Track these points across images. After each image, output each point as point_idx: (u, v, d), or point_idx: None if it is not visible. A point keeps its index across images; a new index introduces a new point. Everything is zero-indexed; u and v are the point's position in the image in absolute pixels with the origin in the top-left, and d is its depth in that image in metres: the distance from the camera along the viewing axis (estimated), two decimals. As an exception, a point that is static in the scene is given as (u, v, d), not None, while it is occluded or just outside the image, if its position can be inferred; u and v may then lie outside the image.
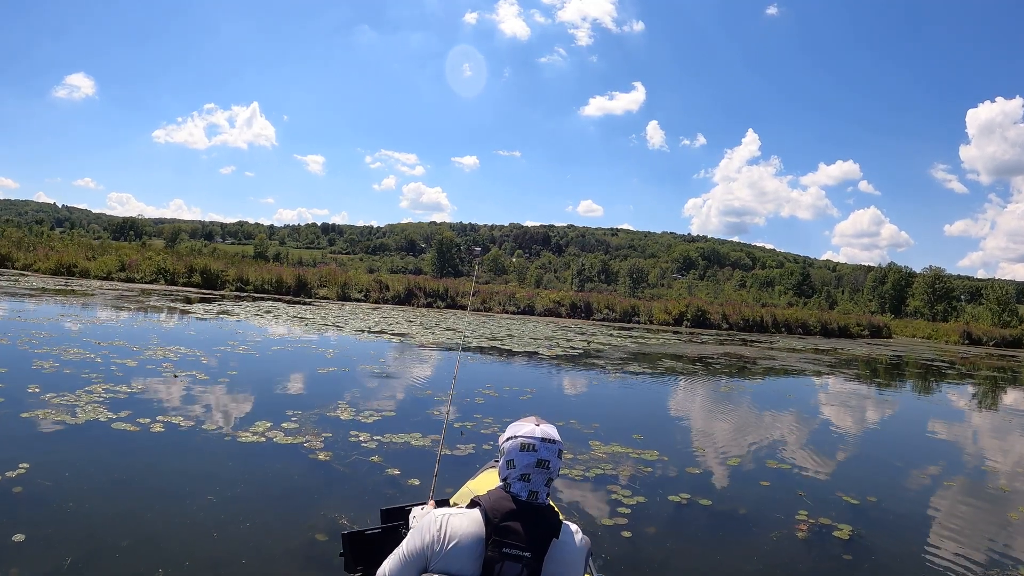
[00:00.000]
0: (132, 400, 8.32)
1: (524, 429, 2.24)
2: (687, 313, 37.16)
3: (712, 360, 20.03)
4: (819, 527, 5.89)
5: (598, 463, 7.18)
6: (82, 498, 5.19)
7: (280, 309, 24.53)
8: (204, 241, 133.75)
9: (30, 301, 19.67)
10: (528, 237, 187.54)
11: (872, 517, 6.41)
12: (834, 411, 13.01)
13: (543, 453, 2.19)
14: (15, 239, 38.49)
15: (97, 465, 6.02)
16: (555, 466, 2.22)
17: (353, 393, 9.95)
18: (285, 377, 11.03)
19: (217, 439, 6.95)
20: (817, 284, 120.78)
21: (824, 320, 41.95)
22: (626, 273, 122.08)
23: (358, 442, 7.17)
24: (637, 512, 5.80)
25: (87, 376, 9.41)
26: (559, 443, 2.25)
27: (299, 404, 8.81)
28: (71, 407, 7.68)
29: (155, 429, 7.11)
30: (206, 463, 6.25)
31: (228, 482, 5.75)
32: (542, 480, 2.20)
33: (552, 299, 37.39)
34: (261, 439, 7.02)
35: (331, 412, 8.48)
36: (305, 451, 6.73)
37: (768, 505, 6.45)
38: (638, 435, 8.68)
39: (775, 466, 7.92)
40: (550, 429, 2.26)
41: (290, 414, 8.16)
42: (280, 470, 6.20)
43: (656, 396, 13.37)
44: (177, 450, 6.56)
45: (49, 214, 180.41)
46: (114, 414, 7.54)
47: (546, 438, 2.21)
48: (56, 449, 6.38)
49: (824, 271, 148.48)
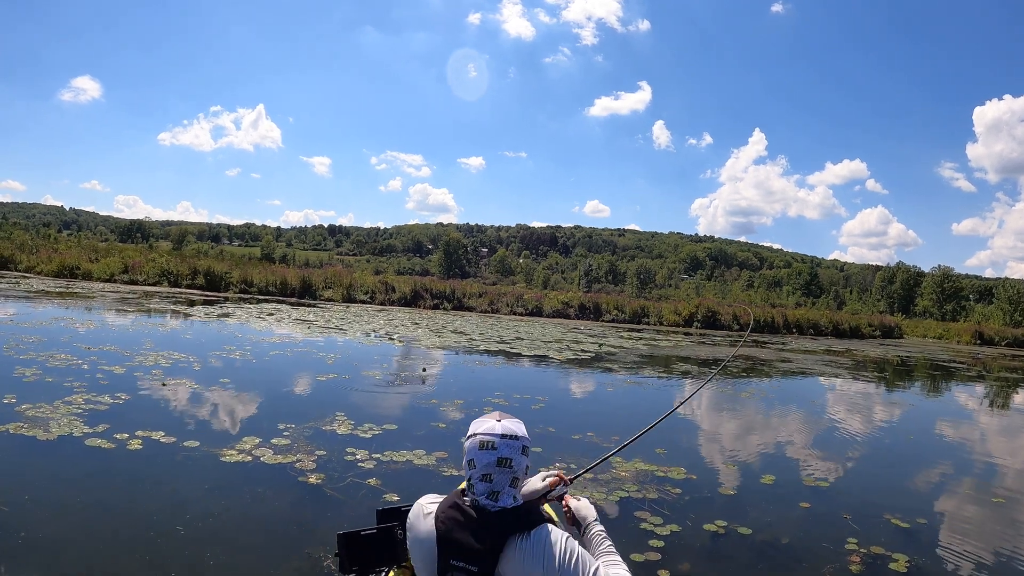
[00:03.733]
0: (113, 412, 7.69)
1: (484, 426, 2.08)
2: (697, 314, 36.42)
3: (728, 363, 19.28)
4: (872, 558, 5.20)
5: (621, 484, 6.49)
6: (38, 525, 4.64)
7: (283, 311, 23.91)
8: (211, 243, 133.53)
9: (26, 304, 19.11)
10: (535, 238, 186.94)
11: (926, 543, 5.74)
12: (863, 418, 12.29)
13: (504, 451, 2.03)
14: (18, 242, 37.99)
15: (62, 488, 5.42)
16: (519, 464, 2.05)
17: (353, 403, 9.28)
18: (281, 386, 10.37)
19: (198, 458, 6.29)
20: (825, 284, 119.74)
21: (835, 321, 41.09)
22: (634, 274, 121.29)
23: (354, 461, 6.49)
24: (671, 544, 5.10)
25: (69, 385, 8.80)
26: (523, 439, 2.08)
27: (293, 416, 8.14)
28: (45, 420, 7.08)
29: (132, 446, 6.48)
30: (181, 487, 5.59)
31: (201, 511, 5.10)
32: (505, 480, 2.03)
33: (560, 300, 36.70)
34: (247, 458, 6.35)
35: (327, 426, 7.81)
36: (294, 473, 6.06)
37: (813, 532, 5.74)
38: (661, 449, 7.97)
39: (813, 483, 7.23)
40: (513, 424, 2.09)
41: (282, 428, 7.50)
42: (263, 497, 5.53)
43: (673, 403, 12.67)
44: (151, 471, 5.91)
45: (57, 217, 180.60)
46: (90, 428, 6.93)
47: (507, 434, 2.05)
48: (19, 469, 5.80)
49: (832, 271, 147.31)
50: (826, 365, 21.51)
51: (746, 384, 15.72)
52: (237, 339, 15.14)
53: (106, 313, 18.80)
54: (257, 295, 31.47)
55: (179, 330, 16.33)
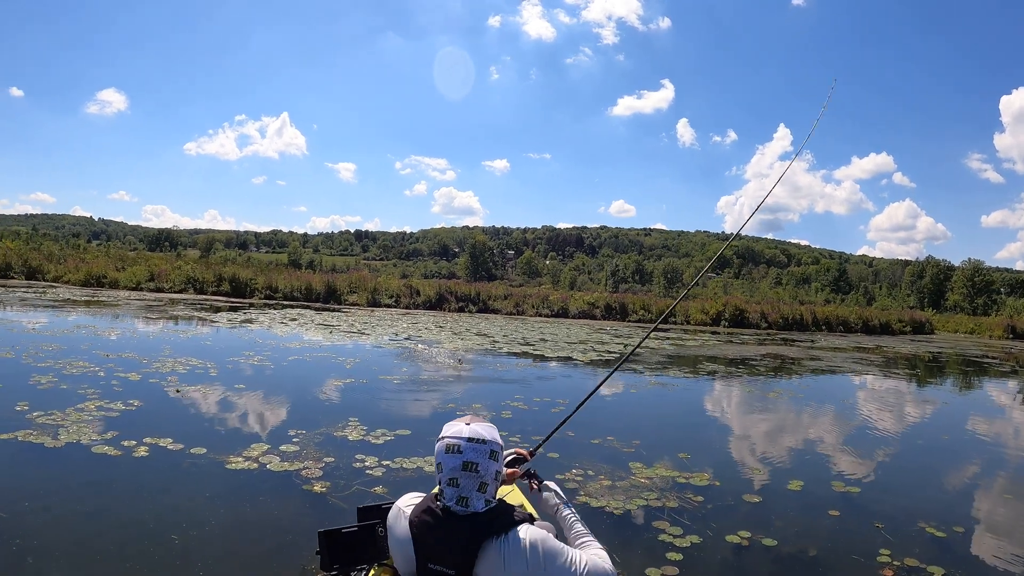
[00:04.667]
0: (123, 419, 7.59)
1: (452, 429, 2.07)
2: (725, 312, 35.85)
3: (755, 362, 18.86)
4: (906, 571, 4.87)
5: (640, 491, 6.19)
6: (33, 533, 4.54)
7: (306, 317, 23.89)
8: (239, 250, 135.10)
9: (51, 313, 19.26)
10: (561, 239, 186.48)
11: (964, 554, 5.38)
12: (895, 417, 11.86)
13: (469, 455, 2.00)
14: (46, 252, 38.52)
15: (62, 495, 5.29)
16: (486, 469, 2.02)
17: (367, 408, 9.07)
18: (295, 391, 10.22)
19: (203, 466, 6.14)
20: (854, 280, 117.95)
21: (865, 317, 40.18)
22: (660, 273, 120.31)
23: (363, 468, 6.29)
24: (690, 558, 4.80)
25: (83, 392, 8.74)
26: (491, 443, 2.04)
27: (305, 422, 7.97)
28: (55, 427, 6.99)
29: (138, 453, 6.35)
30: (181, 495, 5.44)
31: (198, 520, 4.93)
32: (472, 485, 2.01)
33: (586, 301, 36.35)
34: (252, 465, 6.18)
35: (339, 431, 7.63)
36: (299, 480, 5.87)
37: (842, 543, 5.40)
38: (684, 453, 7.67)
39: (842, 489, 6.86)
40: (481, 428, 2.06)
41: (292, 434, 7.34)
42: (263, 505, 5.34)
43: (700, 405, 12.33)
44: (154, 479, 5.77)
45: (86, 227, 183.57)
46: (99, 435, 6.82)
47: (474, 438, 2.02)
48: (22, 476, 5.71)
49: (861, 267, 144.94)
50: (856, 362, 20.96)
51: (774, 383, 15.32)
52: (257, 345, 15.07)
53: (128, 321, 18.89)
54: (282, 301, 31.54)
55: (200, 336, 16.32)
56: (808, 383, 16.05)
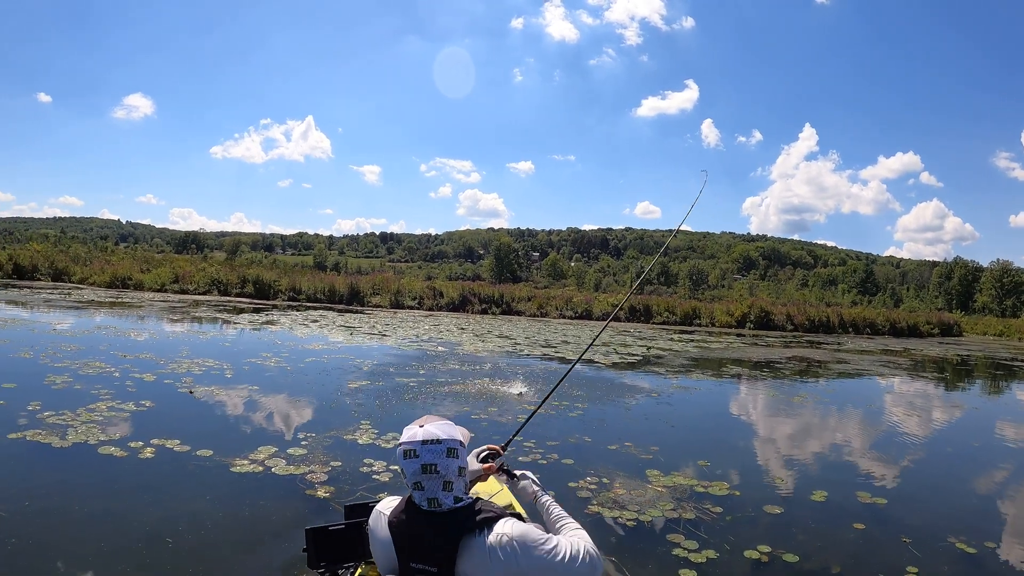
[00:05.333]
0: (133, 420, 7.53)
1: (407, 434, 2.05)
2: (750, 314, 35.33)
3: (780, 365, 18.46)
4: (937, 588, 4.60)
5: (656, 502, 5.94)
6: (31, 532, 4.54)
7: (328, 318, 23.87)
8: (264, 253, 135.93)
9: (73, 313, 19.42)
10: (586, 241, 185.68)
11: (996, 572, 5.10)
12: (923, 423, 11.47)
13: (426, 457, 1.99)
14: (72, 254, 38.98)
15: (64, 496, 5.25)
16: (446, 468, 2.00)
17: (380, 412, 8.90)
18: (309, 393, 10.10)
19: (208, 468, 6.02)
20: (881, 281, 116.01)
21: (892, 319, 39.41)
22: (686, 275, 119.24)
23: (370, 473, 6.13)
24: (706, 575, 4.59)
25: (96, 392, 8.70)
26: (446, 441, 2.02)
27: (315, 425, 7.86)
28: (64, 427, 6.94)
29: (144, 455, 6.26)
30: (182, 498, 5.33)
31: (196, 523, 4.84)
32: (436, 486, 1.99)
33: (610, 303, 36.02)
34: (258, 469, 6.06)
35: (349, 435, 7.48)
36: (303, 485, 5.72)
37: (868, 558, 5.12)
38: (704, 461, 7.42)
39: (868, 500, 6.56)
40: (435, 428, 2.04)
41: (301, 437, 7.21)
42: (264, 510, 5.21)
43: (722, 410, 12.03)
44: (157, 481, 5.68)
45: (113, 230, 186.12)
46: (107, 436, 6.76)
47: (428, 439, 2.00)
48: (27, 476, 5.67)
49: (888, 268, 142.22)
50: (883, 366, 20.46)
51: (800, 386, 14.96)
52: (276, 346, 15.02)
53: (150, 322, 18.98)
54: (305, 302, 31.62)
55: (219, 338, 16.32)
56: (834, 387, 15.66)
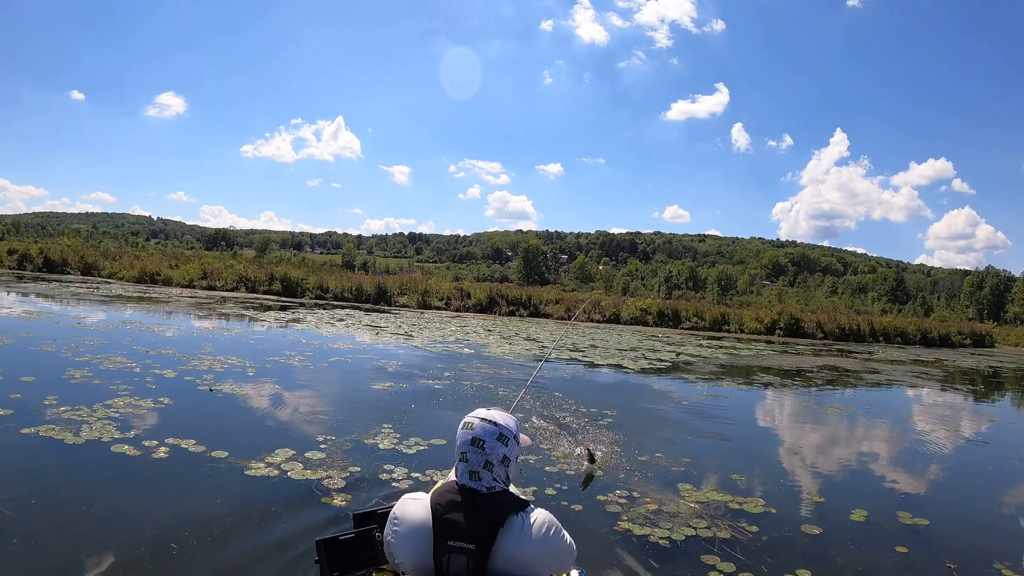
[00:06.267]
0: (150, 417, 7.34)
1: (472, 412, 2.28)
2: (780, 321, 34.61)
3: (812, 374, 17.89)
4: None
5: (688, 519, 5.57)
6: (32, 531, 4.38)
7: (354, 317, 23.72)
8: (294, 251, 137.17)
9: (99, 308, 19.46)
10: (615, 244, 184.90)
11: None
12: (961, 439, 10.91)
13: (478, 432, 2.17)
14: (103, 249, 39.41)
15: (70, 494, 5.05)
16: (492, 449, 2.15)
17: (403, 415, 8.58)
18: (331, 394, 9.87)
19: (222, 471, 5.77)
20: (912, 289, 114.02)
21: (924, 328, 38.30)
22: (714, 280, 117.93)
23: (389, 480, 5.83)
24: (746, 600, 4.22)
25: (115, 388, 8.53)
26: (502, 427, 2.19)
27: (336, 428, 7.58)
28: (78, 424, 6.75)
29: (157, 454, 6.03)
30: (191, 501, 5.09)
31: (203, 529, 4.59)
32: (479, 461, 2.14)
33: (638, 307, 35.48)
34: (273, 472, 5.79)
35: (370, 439, 7.20)
36: (319, 492, 5.44)
37: (917, 586, 4.74)
38: (737, 475, 7.01)
39: (909, 521, 6.08)
40: (499, 414, 2.25)
41: (320, 440, 6.94)
42: (275, 517, 4.92)
43: (754, 420, 11.58)
44: (167, 482, 5.44)
45: (145, 226, 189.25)
46: (121, 433, 6.56)
47: (486, 419, 2.21)
48: (36, 472, 5.45)
49: (919, 276, 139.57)
50: (916, 376, 19.75)
51: (831, 396, 14.44)
52: (300, 344, 14.85)
53: (175, 317, 18.93)
54: (332, 301, 31.55)
55: (243, 335, 16.18)
56: (868, 398, 15.08)
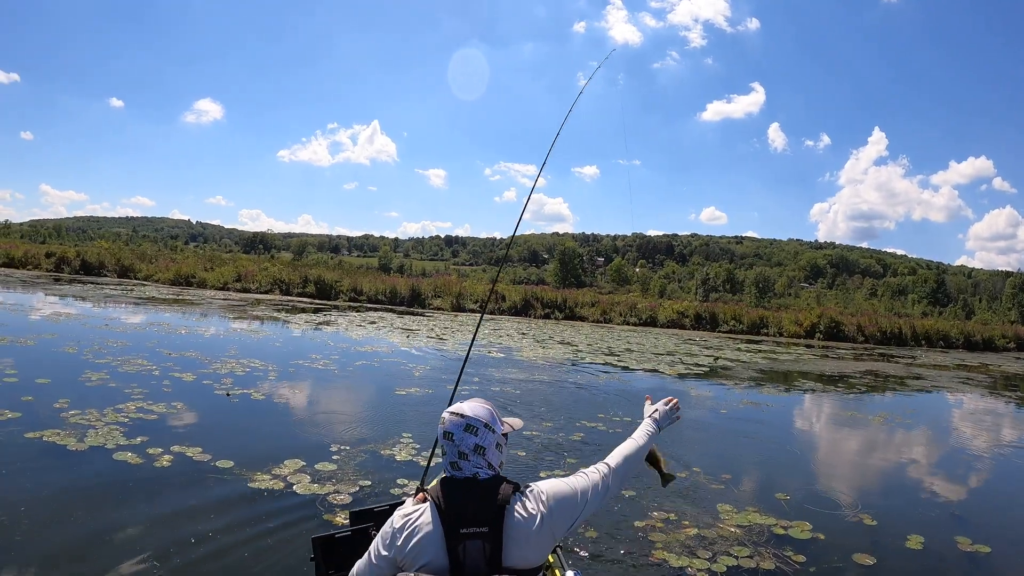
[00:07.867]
0: (159, 423, 7.04)
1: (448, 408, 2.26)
2: (819, 324, 33.55)
3: (854, 380, 17.04)
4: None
5: (730, 545, 5.01)
6: (19, 538, 4.20)
7: (387, 320, 23.46)
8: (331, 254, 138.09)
9: (131, 309, 19.45)
10: (651, 247, 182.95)
11: None
12: (1014, 453, 10.09)
13: (448, 426, 2.16)
14: (139, 252, 39.85)
15: (64, 502, 4.84)
16: (461, 440, 2.13)
17: (424, 424, 8.10)
18: (352, 400, 9.52)
19: (224, 481, 5.41)
20: (952, 291, 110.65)
21: (967, 332, 36.70)
22: (752, 282, 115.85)
23: (402, 495, 5.37)
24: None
25: (129, 391, 8.28)
26: (469, 418, 2.16)
27: (352, 437, 7.19)
28: (84, 428, 6.50)
29: (161, 463, 5.71)
30: (185, 514, 4.75)
31: (194, 544, 4.23)
32: (453, 452, 2.14)
33: (675, 310, 34.73)
34: (278, 485, 5.40)
35: (387, 449, 6.79)
36: (323, 508, 5.03)
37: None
38: (782, 494, 6.43)
39: (969, 548, 5.43)
40: (468, 406, 2.21)
41: (334, 450, 6.55)
42: (272, 534, 4.53)
43: (796, 431, 10.92)
44: (165, 492, 5.13)
45: (184, 230, 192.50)
46: (127, 440, 6.28)
47: (455, 412, 2.18)
48: (33, 478, 5.21)
49: (960, 277, 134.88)
50: (962, 383, 18.71)
51: (876, 404, 13.70)
52: (327, 347, 14.55)
53: (205, 319, 18.82)
54: (366, 303, 31.41)
55: (271, 337, 15.94)
56: (914, 406, 14.19)
